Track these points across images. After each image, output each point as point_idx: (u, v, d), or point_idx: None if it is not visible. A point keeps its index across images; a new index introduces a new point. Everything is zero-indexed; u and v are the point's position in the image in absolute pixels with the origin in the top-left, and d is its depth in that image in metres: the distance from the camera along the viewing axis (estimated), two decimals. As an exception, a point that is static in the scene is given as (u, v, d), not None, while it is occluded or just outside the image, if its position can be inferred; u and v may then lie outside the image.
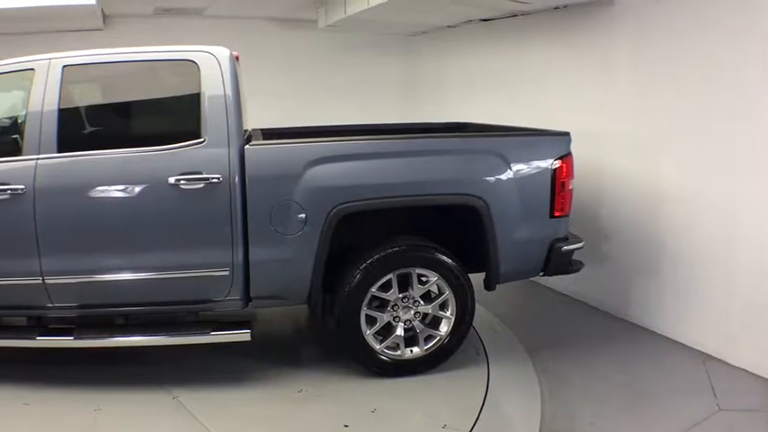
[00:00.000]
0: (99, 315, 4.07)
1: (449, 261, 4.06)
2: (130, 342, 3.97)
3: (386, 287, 4.03)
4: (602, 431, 3.69)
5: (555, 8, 5.83)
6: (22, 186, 3.71)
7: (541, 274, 4.38)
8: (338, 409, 3.77)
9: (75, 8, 6.47)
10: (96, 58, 4.02)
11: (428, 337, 4.15)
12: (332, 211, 3.83)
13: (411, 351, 4.13)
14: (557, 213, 4.19)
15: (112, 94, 4.28)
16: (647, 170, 5.09)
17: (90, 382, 3.99)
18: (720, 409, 3.89)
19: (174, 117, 4.18)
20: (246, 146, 3.85)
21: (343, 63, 8.73)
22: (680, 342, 4.83)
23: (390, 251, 4.00)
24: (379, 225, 4.23)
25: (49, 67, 3.84)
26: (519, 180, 4.09)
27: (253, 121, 4.84)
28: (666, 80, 4.85)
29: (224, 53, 3.98)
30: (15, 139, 3.88)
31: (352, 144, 4.19)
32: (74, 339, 3.90)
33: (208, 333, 3.95)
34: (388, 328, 4.10)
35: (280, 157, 3.94)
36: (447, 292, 4.09)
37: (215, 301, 3.97)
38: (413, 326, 4.11)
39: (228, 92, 3.89)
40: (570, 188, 4.23)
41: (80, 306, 3.94)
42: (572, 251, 4.31)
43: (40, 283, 3.78)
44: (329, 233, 3.86)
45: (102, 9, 7.25)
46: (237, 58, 4.13)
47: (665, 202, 4.94)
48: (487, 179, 4.05)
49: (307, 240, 3.86)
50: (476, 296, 4.17)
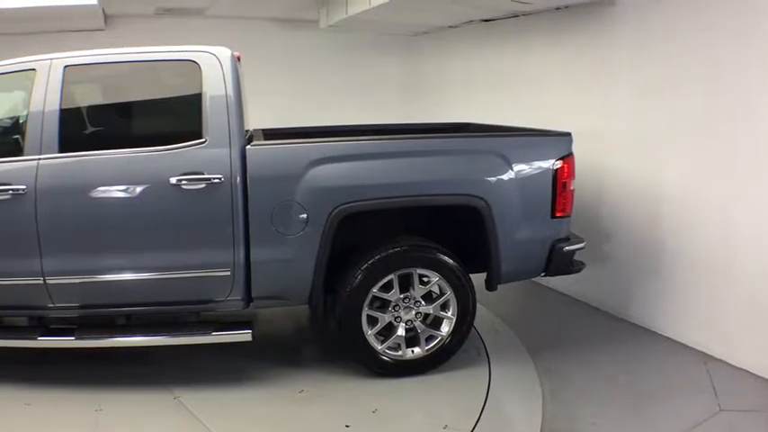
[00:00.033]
0: (100, 315, 4.06)
1: (450, 261, 4.06)
2: (132, 342, 3.98)
3: (387, 287, 4.03)
4: (603, 431, 3.70)
5: (556, 8, 5.83)
6: (24, 186, 3.71)
7: (543, 274, 4.38)
8: (339, 410, 3.77)
9: (77, 8, 6.48)
10: (98, 58, 4.02)
11: (429, 338, 4.15)
12: (333, 211, 3.83)
13: (412, 351, 4.13)
14: (558, 214, 4.19)
15: (114, 94, 4.28)
16: (648, 170, 5.09)
17: (91, 383, 3.99)
18: (721, 410, 3.89)
19: (176, 117, 4.19)
20: (248, 146, 3.85)
21: (344, 63, 8.74)
22: (681, 342, 4.83)
23: (392, 251, 4.00)
24: (380, 225, 4.23)
25: (50, 67, 3.85)
26: (520, 180, 4.09)
27: (254, 122, 4.84)
28: (667, 81, 4.85)
29: (225, 53, 3.99)
30: (17, 139, 3.88)
31: (354, 144, 4.20)
32: (75, 339, 3.90)
33: (209, 333, 3.95)
34: (389, 329, 4.10)
35: (281, 157, 3.94)
36: (448, 293, 4.09)
37: (216, 302, 3.97)
38: (414, 326, 4.11)
39: (230, 92, 3.89)
40: (571, 188, 4.23)
41: (81, 306, 3.94)
42: (573, 251, 4.31)
43: (42, 283, 3.78)
44: (330, 233, 3.85)
45: (104, 9, 7.25)
46: (239, 59, 4.14)
47: (665, 203, 4.94)
48: (489, 179, 4.05)
49: (308, 241, 3.86)
50: (477, 296, 4.17)
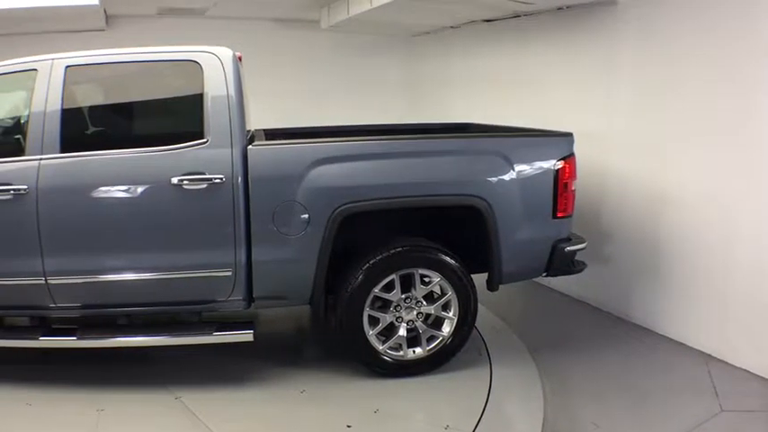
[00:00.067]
0: (102, 315, 4.07)
1: (451, 262, 4.06)
2: (133, 342, 3.98)
3: (388, 288, 4.03)
4: (604, 432, 3.70)
5: (558, 9, 5.83)
6: (25, 186, 3.71)
7: (544, 274, 4.38)
8: (341, 410, 3.77)
9: (79, 9, 6.48)
10: (99, 58, 4.02)
11: (431, 338, 4.14)
12: (335, 211, 3.83)
13: (413, 352, 4.13)
14: (559, 214, 4.19)
15: (115, 94, 4.27)
16: (649, 171, 5.09)
17: (92, 383, 3.99)
18: (723, 410, 3.89)
19: (177, 117, 4.18)
20: (249, 146, 3.85)
21: (345, 63, 8.75)
22: (682, 343, 4.83)
23: (393, 252, 4.00)
24: (381, 225, 4.23)
25: (51, 67, 3.85)
26: (522, 181, 4.09)
27: (256, 122, 4.84)
28: (669, 81, 4.85)
29: (227, 54, 3.99)
30: (18, 139, 3.89)
31: (355, 144, 4.20)
32: (77, 339, 3.90)
33: (210, 333, 3.95)
34: (390, 329, 4.10)
35: (283, 157, 3.93)
36: (450, 293, 4.09)
37: (218, 302, 3.97)
38: (415, 326, 4.11)
39: (231, 92, 3.89)
40: (573, 189, 4.23)
41: (83, 306, 3.94)
42: (575, 252, 4.31)
43: (43, 283, 3.78)
44: (332, 233, 3.85)
45: (105, 9, 7.26)
46: (240, 59, 4.13)
47: (667, 203, 4.93)
48: (490, 180, 4.05)
49: (309, 241, 3.85)
50: (478, 297, 4.17)
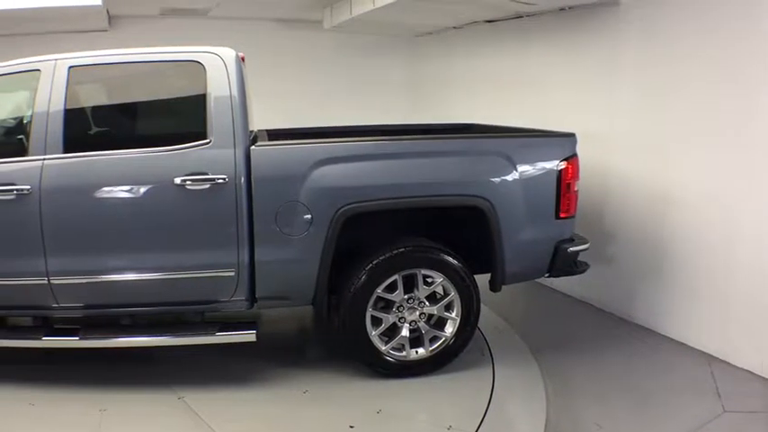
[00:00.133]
0: (104, 315, 4.07)
1: (454, 262, 4.06)
2: (136, 342, 3.98)
3: (391, 288, 4.03)
4: (607, 433, 3.70)
5: (560, 9, 5.83)
6: (28, 187, 3.72)
7: (547, 275, 4.37)
8: (343, 410, 3.77)
9: (81, 9, 6.50)
10: (102, 58, 4.03)
11: (433, 338, 4.14)
12: (337, 211, 3.83)
13: (416, 352, 4.13)
14: (562, 215, 4.18)
15: (118, 94, 4.29)
16: (651, 171, 5.09)
17: (95, 383, 3.99)
18: (725, 411, 3.89)
19: (180, 118, 4.19)
20: (252, 146, 3.85)
21: (348, 64, 8.75)
22: (684, 343, 4.83)
23: (396, 252, 4.00)
24: (384, 226, 4.23)
25: (55, 67, 3.85)
26: (524, 181, 4.09)
27: (258, 122, 4.84)
28: (671, 81, 4.84)
29: (230, 54, 3.99)
30: (21, 139, 3.88)
31: (358, 145, 4.19)
32: (79, 340, 3.90)
33: (213, 333, 3.95)
34: (393, 329, 4.10)
35: (285, 157, 3.93)
36: (452, 293, 4.09)
37: (220, 302, 3.97)
38: (418, 327, 4.11)
39: (234, 93, 3.89)
40: (576, 189, 4.23)
41: (85, 306, 3.94)
42: (577, 252, 4.31)
43: (46, 283, 3.79)
44: (335, 234, 3.85)
45: (108, 10, 7.27)
46: (243, 59, 4.13)
47: (669, 204, 4.93)
48: (493, 180, 4.04)
49: (312, 241, 3.85)
50: (481, 297, 4.17)
